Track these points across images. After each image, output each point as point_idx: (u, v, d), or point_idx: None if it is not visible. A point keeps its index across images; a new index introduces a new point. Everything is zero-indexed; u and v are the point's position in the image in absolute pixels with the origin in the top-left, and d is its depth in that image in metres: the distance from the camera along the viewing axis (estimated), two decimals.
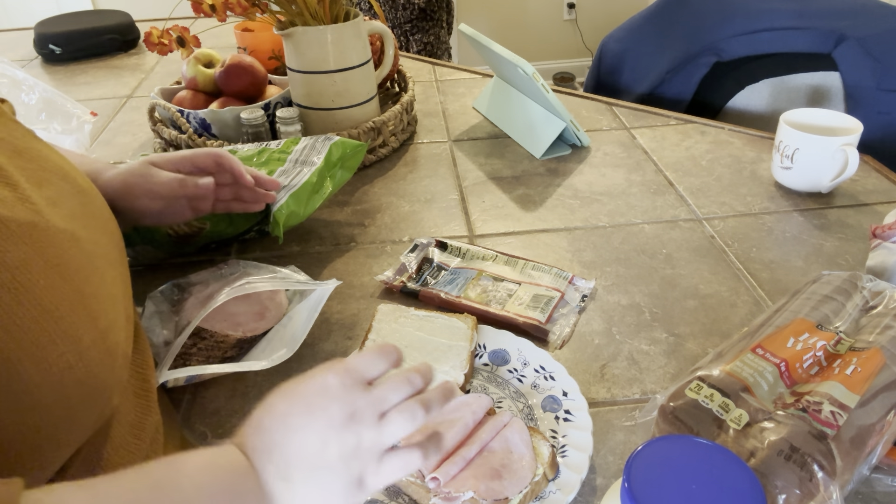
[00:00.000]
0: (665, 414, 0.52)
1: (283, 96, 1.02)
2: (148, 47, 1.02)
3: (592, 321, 0.70)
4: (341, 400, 0.41)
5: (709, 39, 1.33)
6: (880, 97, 1.14)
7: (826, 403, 0.48)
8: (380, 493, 0.52)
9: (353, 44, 0.97)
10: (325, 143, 0.83)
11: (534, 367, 0.62)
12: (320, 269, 0.80)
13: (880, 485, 0.51)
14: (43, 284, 0.39)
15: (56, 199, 0.45)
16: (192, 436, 0.59)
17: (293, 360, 0.66)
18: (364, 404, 0.41)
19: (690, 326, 0.69)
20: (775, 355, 0.53)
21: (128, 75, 1.45)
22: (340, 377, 0.42)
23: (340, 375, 0.42)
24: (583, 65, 3.53)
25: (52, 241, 0.41)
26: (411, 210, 0.91)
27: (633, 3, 3.34)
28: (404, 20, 1.98)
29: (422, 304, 0.73)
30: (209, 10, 0.93)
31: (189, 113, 0.98)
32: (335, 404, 0.41)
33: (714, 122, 1.12)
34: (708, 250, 0.80)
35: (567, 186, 0.95)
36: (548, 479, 0.51)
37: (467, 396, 0.57)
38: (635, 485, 0.36)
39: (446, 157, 1.04)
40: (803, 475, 0.45)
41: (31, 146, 0.48)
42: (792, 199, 0.90)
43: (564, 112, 0.99)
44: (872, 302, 0.60)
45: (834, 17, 1.23)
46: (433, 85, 1.33)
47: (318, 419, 0.41)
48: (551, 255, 0.80)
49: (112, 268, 0.48)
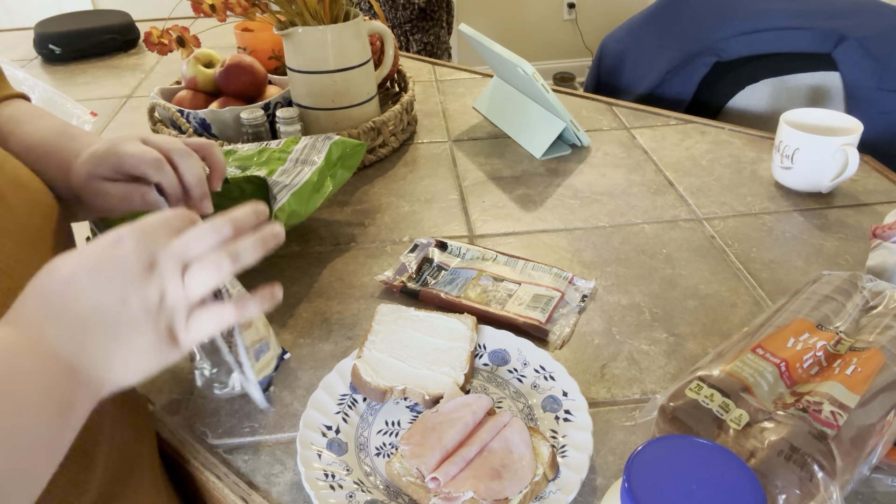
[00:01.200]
0: (665, 414, 0.52)
1: (283, 96, 1.02)
2: (148, 47, 1.02)
3: (592, 321, 0.70)
4: (136, 251, 0.39)
5: (709, 39, 1.33)
6: (880, 97, 1.14)
7: (826, 403, 0.48)
8: (380, 493, 0.52)
9: (353, 44, 0.97)
10: (325, 142, 0.83)
11: (534, 367, 0.62)
12: (320, 269, 0.80)
13: (880, 485, 0.51)
14: None
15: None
16: (191, 436, 0.59)
17: (293, 359, 0.67)
18: (164, 255, 0.39)
19: (690, 326, 0.69)
20: (775, 355, 0.53)
21: (128, 75, 1.45)
22: (134, 228, 0.39)
23: (135, 227, 0.39)
24: (583, 65, 3.53)
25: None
26: (411, 210, 0.91)
27: (633, 3, 3.34)
28: (404, 20, 1.99)
29: (422, 305, 0.73)
30: (209, 10, 0.93)
31: (189, 113, 0.98)
32: (131, 256, 0.38)
33: (714, 122, 1.12)
34: (708, 250, 0.80)
35: (567, 186, 0.95)
36: (548, 479, 0.51)
37: (467, 397, 0.57)
38: (635, 485, 0.36)
39: (446, 157, 1.04)
40: (803, 475, 0.45)
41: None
42: (792, 199, 0.90)
43: (564, 112, 0.99)
44: (872, 302, 0.60)
45: (834, 17, 1.23)
46: (433, 85, 1.33)
47: (113, 274, 0.38)
48: (551, 255, 0.80)
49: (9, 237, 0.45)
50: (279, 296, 0.43)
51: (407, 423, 0.58)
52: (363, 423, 0.58)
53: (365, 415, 0.59)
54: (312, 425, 0.56)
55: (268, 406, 0.61)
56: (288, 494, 0.54)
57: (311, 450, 0.54)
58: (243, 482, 0.55)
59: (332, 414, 0.58)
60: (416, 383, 0.59)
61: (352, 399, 0.60)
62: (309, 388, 0.62)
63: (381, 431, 0.58)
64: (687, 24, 1.40)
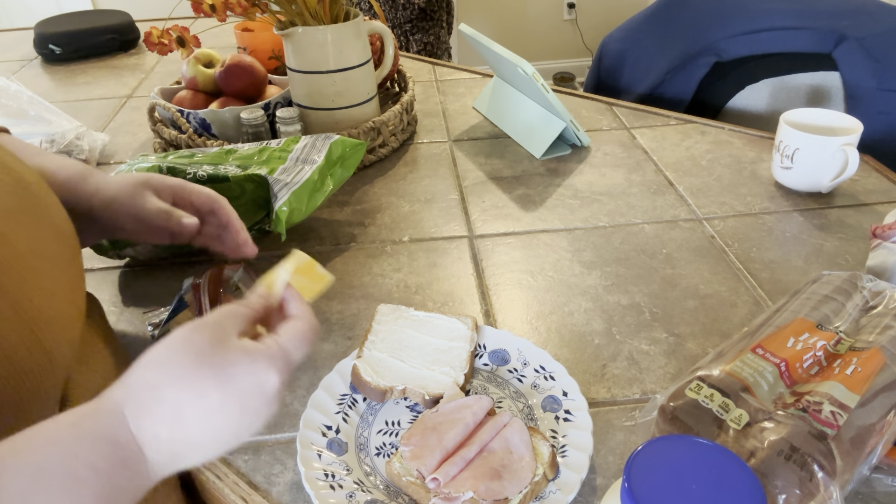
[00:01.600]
0: (665, 414, 0.52)
1: (283, 96, 1.02)
2: (148, 47, 1.02)
3: (592, 321, 0.70)
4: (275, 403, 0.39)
5: (709, 39, 1.33)
6: (880, 97, 1.14)
7: (826, 403, 0.48)
8: (380, 493, 0.52)
9: (353, 44, 0.97)
10: (325, 141, 0.84)
11: (534, 367, 0.62)
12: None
13: (880, 485, 0.51)
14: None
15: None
16: None
17: None
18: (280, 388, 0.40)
19: (690, 326, 0.69)
20: (775, 355, 0.53)
21: (128, 75, 1.45)
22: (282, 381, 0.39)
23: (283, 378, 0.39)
24: (583, 65, 3.53)
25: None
26: (411, 210, 0.91)
27: (633, 3, 3.34)
28: (404, 20, 1.99)
29: (422, 305, 0.73)
30: (209, 10, 0.93)
31: (189, 113, 0.98)
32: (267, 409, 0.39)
33: (714, 122, 1.12)
34: (708, 250, 0.80)
35: (567, 186, 0.95)
36: (548, 479, 0.51)
37: (468, 398, 0.57)
38: (635, 485, 0.36)
39: (446, 157, 1.04)
40: (803, 475, 0.45)
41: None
42: (792, 199, 0.90)
43: (564, 112, 0.99)
44: (872, 302, 0.60)
45: (834, 17, 1.23)
46: (433, 85, 1.33)
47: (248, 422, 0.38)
48: (551, 255, 0.80)
49: (52, 265, 0.46)
50: None
51: (407, 423, 0.58)
52: (363, 423, 0.58)
53: (365, 415, 0.59)
54: (312, 425, 0.56)
55: None
56: (288, 494, 0.54)
57: (311, 450, 0.54)
58: (243, 482, 0.55)
59: (332, 414, 0.58)
60: (416, 383, 0.59)
61: (352, 399, 0.60)
62: (309, 388, 0.62)
63: (381, 431, 0.58)
64: (687, 24, 1.40)
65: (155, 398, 0.36)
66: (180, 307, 0.66)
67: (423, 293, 0.75)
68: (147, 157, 0.82)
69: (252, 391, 0.38)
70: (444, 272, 0.78)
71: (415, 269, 0.79)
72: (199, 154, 0.84)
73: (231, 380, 0.37)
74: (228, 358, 0.38)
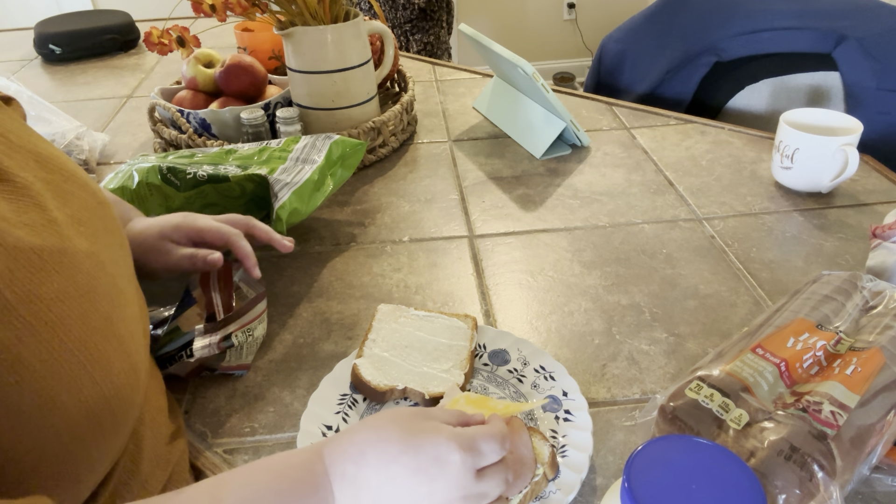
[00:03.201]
0: (665, 414, 0.52)
1: (283, 96, 1.02)
2: (148, 47, 1.02)
3: (592, 321, 0.70)
4: (453, 485, 0.40)
5: (709, 39, 1.33)
6: (880, 97, 1.14)
7: (826, 403, 0.48)
8: None
9: (353, 44, 0.97)
10: (325, 141, 0.84)
11: (534, 367, 0.62)
12: (320, 268, 0.80)
13: (880, 485, 0.51)
14: (76, 315, 0.39)
15: (80, 217, 0.44)
16: (191, 436, 0.59)
17: (293, 359, 0.67)
18: (469, 494, 0.41)
19: (690, 326, 0.69)
20: (775, 355, 0.53)
21: (128, 75, 1.45)
22: (462, 459, 0.40)
23: (463, 457, 0.40)
24: (583, 65, 3.53)
25: (80, 267, 0.41)
26: (411, 210, 0.91)
27: (633, 3, 3.34)
28: (404, 20, 1.99)
29: (422, 305, 0.73)
30: (209, 10, 0.93)
31: (189, 113, 0.98)
32: (444, 485, 0.40)
33: (714, 122, 1.12)
34: (708, 250, 0.80)
35: (567, 186, 0.95)
36: (548, 479, 0.51)
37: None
38: (635, 485, 0.36)
39: (446, 157, 1.04)
40: (803, 475, 0.45)
41: (52, 153, 0.46)
42: (792, 199, 0.90)
43: (564, 112, 0.99)
44: (872, 302, 0.60)
45: (834, 17, 1.23)
46: (433, 85, 1.33)
47: (421, 488, 0.40)
48: (551, 255, 0.80)
49: (130, 284, 0.48)
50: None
51: None
52: None
53: (365, 415, 0.59)
54: (312, 425, 0.56)
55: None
56: None
57: None
58: None
59: (332, 414, 0.58)
60: (416, 383, 0.59)
61: (352, 399, 0.60)
62: (309, 388, 0.62)
63: None
64: (687, 24, 1.40)
65: (348, 439, 0.41)
66: (188, 303, 0.66)
67: (423, 293, 0.75)
68: (147, 157, 0.82)
69: (430, 454, 0.40)
70: (444, 272, 0.78)
71: (415, 269, 0.79)
72: (199, 154, 0.85)
73: (414, 436, 0.41)
74: (419, 425, 0.42)
